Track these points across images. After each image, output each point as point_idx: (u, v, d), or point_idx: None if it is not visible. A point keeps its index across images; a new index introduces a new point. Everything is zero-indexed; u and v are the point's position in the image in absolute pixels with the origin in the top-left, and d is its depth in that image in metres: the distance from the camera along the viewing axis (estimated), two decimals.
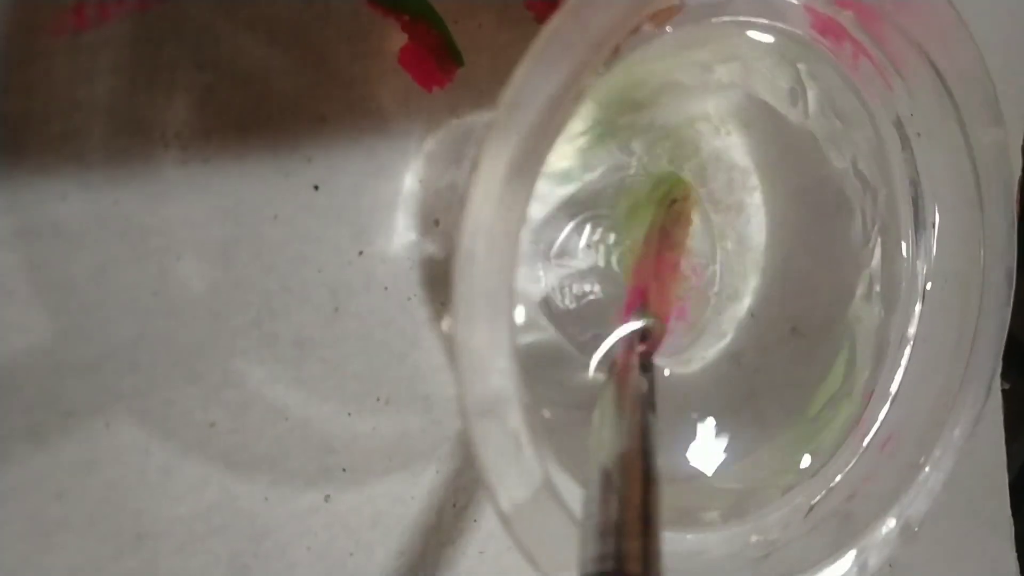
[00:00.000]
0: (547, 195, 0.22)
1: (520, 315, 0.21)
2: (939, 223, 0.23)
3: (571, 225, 0.22)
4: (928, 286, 0.23)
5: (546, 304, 0.22)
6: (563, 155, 0.21)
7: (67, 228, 0.19)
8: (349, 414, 0.23)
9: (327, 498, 0.22)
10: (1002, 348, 0.22)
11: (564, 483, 0.16)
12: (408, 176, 0.22)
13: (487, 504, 0.25)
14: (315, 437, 0.22)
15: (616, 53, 0.15)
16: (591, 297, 0.23)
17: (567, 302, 0.23)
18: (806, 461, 0.22)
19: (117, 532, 0.20)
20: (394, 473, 0.23)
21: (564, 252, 0.22)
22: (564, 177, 0.22)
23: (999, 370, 0.22)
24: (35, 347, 0.19)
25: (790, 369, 0.25)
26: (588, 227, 0.22)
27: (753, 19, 0.20)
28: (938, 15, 0.20)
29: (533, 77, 0.14)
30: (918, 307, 0.23)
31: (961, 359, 0.22)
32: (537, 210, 0.22)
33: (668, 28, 0.17)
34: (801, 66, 0.21)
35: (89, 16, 0.18)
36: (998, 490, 0.34)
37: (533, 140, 0.14)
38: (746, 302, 0.25)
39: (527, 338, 0.22)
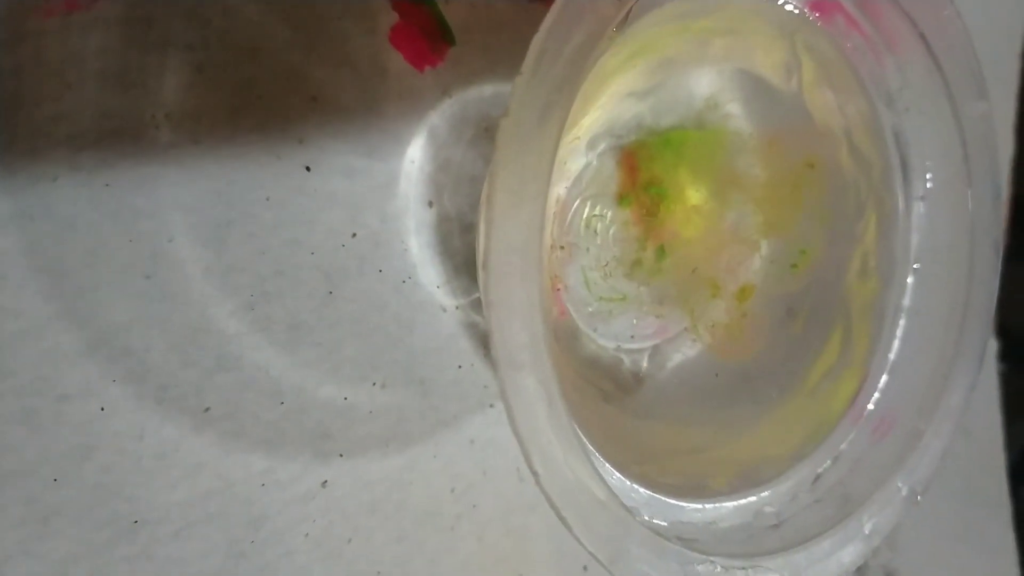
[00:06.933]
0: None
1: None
2: (929, 196, 0.23)
3: (573, 207, 0.22)
4: (920, 258, 0.23)
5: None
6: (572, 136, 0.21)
7: (58, 211, 0.19)
8: (345, 398, 0.22)
9: (324, 484, 0.22)
10: (992, 317, 0.22)
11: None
12: (401, 157, 0.22)
13: (486, 490, 0.25)
14: (311, 422, 0.22)
15: (628, 14, 0.15)
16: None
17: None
18: (807, 433, 0.22)
19: (113, 518, 0.19)
20: (391, 458, 0.23)
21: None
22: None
23: (991, 338, 0.22)
24: (28, 331, 0.18)
25: (786, 348, 0.25)
26: (587, 205, 0.22)
27: None
28: None
29: (554, 36, 0.14)
30: (910, 279, 0.23)
31: (954, 328, 0.22)
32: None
33: None
34: (798, 38, 0.21)
35: None
36: (996, 472, 0.34)
37: (557, 95, 0.14)
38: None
39: None
